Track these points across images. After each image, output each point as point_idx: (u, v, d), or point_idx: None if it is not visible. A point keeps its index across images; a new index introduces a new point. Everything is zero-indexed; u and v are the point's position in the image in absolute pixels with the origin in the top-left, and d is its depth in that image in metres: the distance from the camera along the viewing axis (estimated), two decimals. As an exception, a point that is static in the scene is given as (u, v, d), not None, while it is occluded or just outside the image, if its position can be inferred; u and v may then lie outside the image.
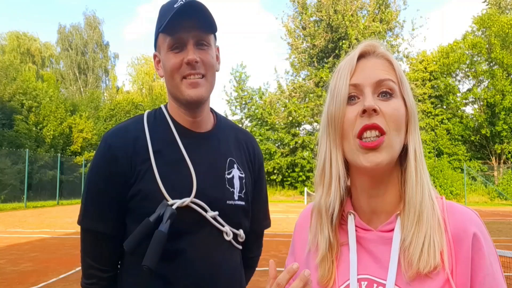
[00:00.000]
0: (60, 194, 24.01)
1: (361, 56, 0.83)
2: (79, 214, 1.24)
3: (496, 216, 17.96)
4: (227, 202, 1.23)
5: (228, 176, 1.25)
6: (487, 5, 34.24)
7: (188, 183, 1.17)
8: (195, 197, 1.16)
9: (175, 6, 1.16)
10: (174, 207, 1.12)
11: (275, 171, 31.06)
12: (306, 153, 30.52)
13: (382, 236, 0.79)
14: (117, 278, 1.26)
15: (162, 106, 1.31)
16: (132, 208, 1.17)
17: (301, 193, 29.05)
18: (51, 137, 28.03)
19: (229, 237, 1.22)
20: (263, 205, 1.43)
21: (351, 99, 0.80)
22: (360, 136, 0.77)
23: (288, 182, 31.17)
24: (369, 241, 0.80)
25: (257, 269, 1.49)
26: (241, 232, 1.26)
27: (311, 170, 30.05)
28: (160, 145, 1.20)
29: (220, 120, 1.35)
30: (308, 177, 30.11)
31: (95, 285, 1.23)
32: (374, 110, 0.76)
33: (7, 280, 5.86)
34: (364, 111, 0.77)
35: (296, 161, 30.07)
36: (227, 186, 1.24)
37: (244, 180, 1.29)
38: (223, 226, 1.21)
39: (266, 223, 1.46)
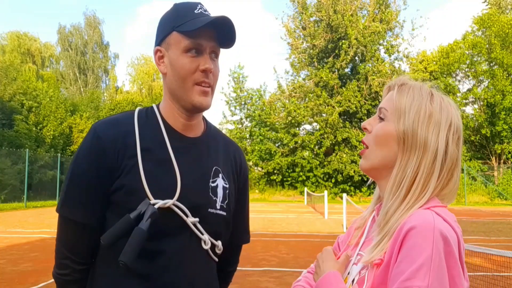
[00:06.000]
0: (60, 194, 23.97)
1: (389, 89, 1.07)
2: (58, 201, 1.23)
3: (496, 216, 17.95)
4: (209, 210, 1.22)
5: (212, 185, 1.25)
6: (487, 5, 34.24)
7: (172, 185, 1.17)
8: (177, 200, 1.15)
9: (195, 11, 1.18)
10: (156, 206, 1.11)
11: (275, 171, 31.04)
12: (306, 153, 30.50)
13: None
14: (89, 274, 1.23)
15: (154, 106, 1.30)
16: (114, 202, 1.17)
17: (301, 193, 29.04)
18: (51, 137, 28.01)
19: (207, 246, 1.21)
20: (245, 219, 1.43)
21: None
22: None
23: (288, 182, 31.15)
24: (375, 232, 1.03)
25: (257, 269, 1.50)
26: (219, 243, 1.25)
27: (311, 170, 30.04)
28: (148, 144, 1.19)
29: (210, 128, 1.35)
30: (308, 177, 30.10)
31: (68, 276, 1.21)
32: (366, 129, 1.04)
33: (7, 280, 5.86)
34: None
35: (296, 161, 30.05)
36: (210, 194, 1.24)
37: (227, 191, 1.29)
38: (202, 234, 1.20)
39: (246, 237, 1.45)
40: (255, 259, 7.56)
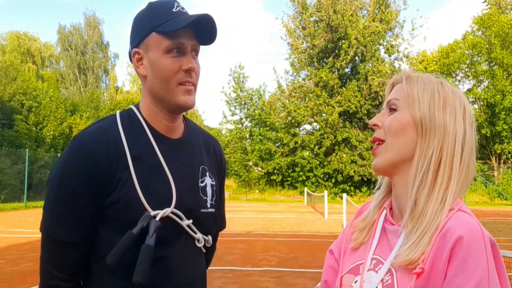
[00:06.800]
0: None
1: (393, 85, 1.03)
2: (42, 220, 1.16)
3: (496, 216, 17.96)
4: (201, 210, 1.23)
5: (202, 185, 1.25)
6: (487, 5, 34.23)
7: (167, 192, 1.15)
8: (174, 206, 1.15)
9: (173, 10, 1.15)
10: (157, 218, 1.10)
11: (275, 171, 31.03)
12: (306, 153, 30.49)
13: (398, 229, 0.95)
14: (84, 286, 1.20)
15: (133, 107, 1.25)
16: (108, 216, 1.12)
17: (301, 193, 29.03)
18: (51, 137, 28.01)
19: (200, 244, 1.23)
20: (222, 207, 1.44)
21: None
22: None
23: (288, 182, 31.14)
24: (390, 232, 0.97)
25: (257, 269, 1.51)
26: (209, 238, 1.27)
27: (311, 170, 30.03)
28: (137, 151, 1.15)
29: (190, 126, 1.32)
30: (308, 177, 30.09)
31: None
32: (376, 125, 0.99)
33: (7, 280, 5.87)
34: None
35: (296, 161, 30.05)
36: (201, 194, 1.24)
37: (214, 188, 1.30)
38: (196, 233, 1.21)
39: (223, 225, 1.47)
40: (255, 259, 7.55)
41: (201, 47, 1.22)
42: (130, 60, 1.23)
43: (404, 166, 0.94)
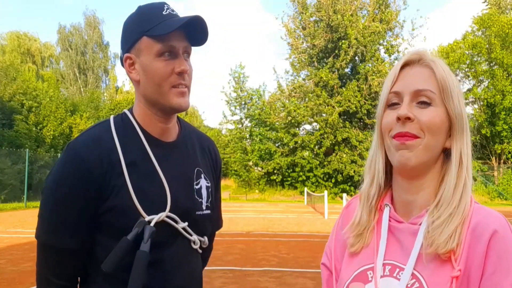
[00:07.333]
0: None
1: (406, 64, 0.91)
2: (38, 227, 1.17)
3: (496, 216, 17.96)
4: (197, 213, 1.24)
5: (197, 187, 1.26)
6: (487, 5, 34.23)
7: (162, 197, 1.16)
8: (169, 211, 1.16)
9: (163, 13, 1.15)
10: (152, 224, 1.10)
11: (275, 171, 31.03)
12: (306, 153, 30.49)
13: (410, 227, 0.88)
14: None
15: (127, 111, 1.25)
16: (104, 223, 1.13)
17: (301, 193, 29.04)
18: (51, 137, 28.03)
19: (196, 246, 1.24)
20: (219, 206, 1.45)
21: (393, 105, 0.91)
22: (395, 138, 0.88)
23: (288, 182, 31.14)
24: (399, 231, 0.89)
25: (257, 269, 1.51)
26: (205, 239, 1.28)
27: (311, 170, 30.03)
28: (132, 157, 1.16)
29: (184, 127, 1.33)
30: (308, 177, 30.09)
31: None
32: (408, 118, 0.85)
33: (7, 280, 5.87)
34: (398, 119, 0.86)
35: (296, 161, 30.05)
36: (196, 196, 1.25)
37: (210, 189, 1.31)
38: (191, 235, 1.22)
39: (220, 223, 1.48)
40: (255, 259, 7.56)
41: (201, 47, 1.23)
42: (122, 65, 1.22)
43: (431, 168, 0.89)
